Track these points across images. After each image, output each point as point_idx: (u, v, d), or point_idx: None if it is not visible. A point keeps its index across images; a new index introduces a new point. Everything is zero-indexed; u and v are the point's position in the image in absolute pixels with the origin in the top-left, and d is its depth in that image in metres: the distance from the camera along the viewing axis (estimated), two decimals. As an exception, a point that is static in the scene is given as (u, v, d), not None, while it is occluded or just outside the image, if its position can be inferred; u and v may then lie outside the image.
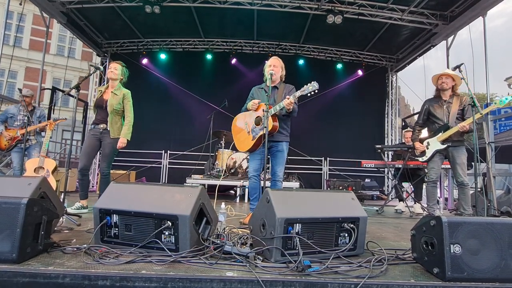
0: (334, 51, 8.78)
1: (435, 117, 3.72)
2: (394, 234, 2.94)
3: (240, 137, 3.36)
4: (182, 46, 8.77)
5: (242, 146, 3.34)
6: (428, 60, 11.99)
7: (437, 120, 3.71)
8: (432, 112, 3.76)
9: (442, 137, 3.59)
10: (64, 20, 6.86)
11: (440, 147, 3.62)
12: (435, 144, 3.67)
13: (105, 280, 1.43)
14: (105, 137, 3.45)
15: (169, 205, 1.80)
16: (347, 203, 2.04)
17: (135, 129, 3.64)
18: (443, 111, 3.68)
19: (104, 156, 3.46)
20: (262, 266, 1.62)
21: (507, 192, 5.55)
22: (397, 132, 9.21)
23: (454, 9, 6.26)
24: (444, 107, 3.68)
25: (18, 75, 18.46)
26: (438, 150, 3.65)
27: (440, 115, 3.69)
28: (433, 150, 3.68)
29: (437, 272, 1.58)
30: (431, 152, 3.70)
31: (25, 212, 1.55)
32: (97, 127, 3.45)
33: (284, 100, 2.95)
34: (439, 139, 3.62)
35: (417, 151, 3.84)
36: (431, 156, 3.70)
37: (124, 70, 3.60)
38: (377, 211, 4.87)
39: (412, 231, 1.85)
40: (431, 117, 3.79)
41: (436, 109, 3.73)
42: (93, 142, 3.42)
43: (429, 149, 3.74)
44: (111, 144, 3.45)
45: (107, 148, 3.45)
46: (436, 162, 3.69)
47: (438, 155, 3.68)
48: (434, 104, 3.76)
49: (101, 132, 3.43)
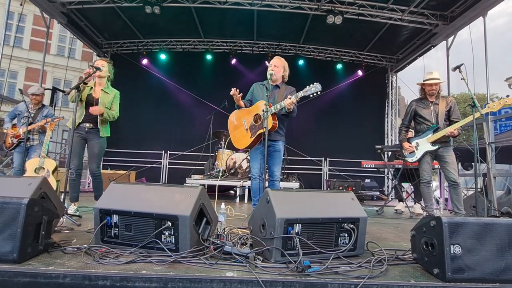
0: (334, 52, 8.78)
1: (423, 117, 3.76)
2: (394, 235, 2.94)
3: (237, 134, 3.34)
4: (182, 46, 8.78)
5: (239, 143, 3.33)
6: (428, 60, 12.00)
7: (424, 121, 3.75)
8: (418, 112, 3.80)
9: (433, 138, 3.61)
10: (65, 21, 6.87)
11: (431, 148, 3.64)
12: (425, 145, 3.69)
13: (105, 280, 1.43)
14: (91, 136, 3.33)
15: (169, 206, 1.80)
16: (347, 203, 2.04)
17: (135, 129, 3.62)
18: (430, 112, 3.72)
19: (93, 156, 3.36)
20: (262, 267, 1.62)
21: (508, 193, 5.55)
22: (397, 133, 9.21)
23: (454, 9, 6.26)
24: (431, 108, 3.73)
25: (19, 75, 18.48)
26: (428, 151, 3.68)
27: (428, 116, 3.73)
28: (423, 151, 3.69)
29: (437, 272, 1.58)
30: (421, 153, 3.72)
31: (25, 212, 1.56)
32: (82, 126, 3.30)
33: (285, 100, 2.96)
34: (429, 140, 3.65)
35: (406, 151, 3.86)
36: (421, 156, 3.72)
37: (110, 67, 3.52)
38: (377, 211, 4.87)
39: (412, 232, 1.85)
40: (418, 118, 3.83)
41: (423, 110, 3.77)
42: (80, 141, 3.30)
43: (418, 149, 3.75)
44: (100, 144, 3.36)
45: (96, 148, 3.35)
46: (427, 162, 3.72)
47: (428, 155, 3.71)
48: (421, 105, 3.81)
49: (86, 131, 3.30)
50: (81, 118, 3.26)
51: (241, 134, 3.29)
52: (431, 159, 3.75)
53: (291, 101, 2.91)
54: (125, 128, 8.23)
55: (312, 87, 2.93)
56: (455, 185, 3.56)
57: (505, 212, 4.54)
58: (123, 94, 3.63)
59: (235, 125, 3.38)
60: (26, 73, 18.62)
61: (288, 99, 2.92)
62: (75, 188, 3.39)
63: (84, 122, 3.28)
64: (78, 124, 3.24)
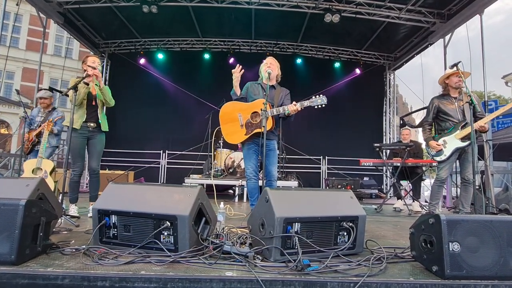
0: (332, 50, 8.78)
1: (447, 114, 3.61)
2: (393, 233, 2.95)
3: (230, 127, 3.26)
4: (180, 45, 8.76)
5: (231, 137, 3.27)
6: (427, 57, 12.03)
7: (449, 117, 3.60)
8: (442, 109, 3.64)
9: (462, 134, 3.45)
10: (61, 21, 6.82)
11: (461, 145, 3.47)
12: (454, 141, 3.51)
13: (104, 281, 1.43)
14: (94, 134, 3.35)
15: (168, 205, 1.79)
16: (346, 202, 2.04)
17: (133, 129, 3.62)
18: (455, 108, 3.59)
19: (94, 153, 3.38)
20: (262, 266, 1.62)
21: (505, 190, 5.58)
22: (395, 131, 9.23)
23: (451, 7, 6.27)
24: (455, 104, 3.60)
25: (15, 75, 18.36)
26: (458, 148, 3.51)
27: (453, 112, 3.58)
28: (453, 148, 3.51)
29: (436, 270, 1.58)
30: (450, 150, 3.52)
31: (23, 214, 1.55)
32: (85, 125, 3.30)
33: (290, 106, 2.98)
34: (457, 136, 3.48)
35: (433, 150, 3.63)
36: (450, 154, 3.53)
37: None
38: (376, 209, 4.89)
39: (411, 230, 1.85)
40: (441, 115, 3.67)
41: (447, 106, 3.62)
42: (82, 142, 3.31)
43: (446, 147, 3.55)
44: (102, 141, 3.41)
45: (98, 145, 3.37)
46: (452, 161, 3.58)
47: (455, 153, 3.56)
48: (444, 101, 3.65)
49: (89, 130, 3.32)
50: (84, 117, 3.28)
51: (235, 129, 3.23)
52: (455, 157, 3.59)
53: (296, 108, 2.95)
54: (123, 128, 8.21)
55: (318, 99, 2.97)
56: (468, 183, 3.49)
57: (503, 209, 4.57)
58: (121, 93, 3.65)
59: (228, 117, 3.29)
60: (23, 73, 18.50)
61: (293, 105, 2.95)
62: (76, 189, 3.41)
63: (87, 122, 3.30)
64: (81, 124, 3.26)
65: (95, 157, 3.39)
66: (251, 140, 3.20)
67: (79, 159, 3.30)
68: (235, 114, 3.24)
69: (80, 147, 3.29)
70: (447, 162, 3.58)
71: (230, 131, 3.27)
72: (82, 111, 3.28)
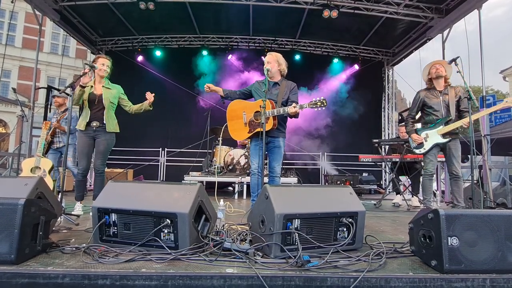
0: (330, 46, 8.75)
1: (432, 108, 3.60)
2: (392, 228, 2.97)
3: (235, 124, 3.41)
4: (178, 42, 8.70)
5: (236, 134, 3.42)
6: (425, 52, 12.00)
7: (434, 111, 3.60)
8: (427, 103, 3.63)
9: (444, 130, 3.48)
10: (57, 18, 6.75)
11: (441, 140, 3.50)
12: (435, 137, 3.55)
13: (105, 279, 1.43)
14: (99, 134, 3.36)
15: (167, 203, 1.79)
16: (345, 197, 2.05)
17: (131, 127, 3.61)
18: (439, 102, 3.57)
19: (99, 153, 3.39)
20: (262, 262, 1.63)
21: (503, 184, 5.61)
22: (394, 126, 9.24)
23: (449, 2, 6.25)
24: (440, 98, 3.58)
25: (12, 74, 18.23)
26: (437, 143, 3.55)
27: (437, 106, 3.57)
28: (433, 143, 3.55)
29: (435, 264, 1.59)
30: (430, 145, 3.57)
31: (22, 213, 1.55)
32: (90, 125, 3.32)
33: (289, 108, 2.98)
34: (439, 132, 3.50)
35: (415, 143, 3.69)
36: (429, 148, 3.59)
37: (110, 64, 3.51)
38: (375, 205, 4.90)
39: (410, 225, 1.86)
40: (426, 109, 3.66)
41: (432, 100, 3.60)
42: (88, 141, 3.33)
43: (427, 141, 3.60)
44: (107, 141, 3.39)
45: (102, 145, 3.37)
46: (434, 155, 3.61)
47: (436, 147, 3.60)
48: (429, 95, 3.63)
49: (94, 130, 3.33)
50: (88, 117, 3.29)
51: (239, 126, 3.35)
52: (437, 151, 3.63)
53: (294, 110, 2.96)
54: (122, 126, 8.05)
55: (318, 102, 2.96)
56: (457, 178, 3.51)
57: (501, 203, 4.60)
58: (119, 91, 3.61)
59: (234, 115, 3.43)
60: (20, 71, 18.37)
61: (293, 107, 2.96)
62: (82, 188, 3.46)
63: (91, 121, 3.30)
64: (86, 124, 3.29)
65: (98, 156, 3.41)
66: (258, 136, 3.21)
67: (83, 158, 3.32)
68: (240, 112, 3.35)
69: (83, 147, 3.32)
70: (430, 156, 3.62)
71: (235, 128, 3.41)
72: (86, 112, 3.31)
